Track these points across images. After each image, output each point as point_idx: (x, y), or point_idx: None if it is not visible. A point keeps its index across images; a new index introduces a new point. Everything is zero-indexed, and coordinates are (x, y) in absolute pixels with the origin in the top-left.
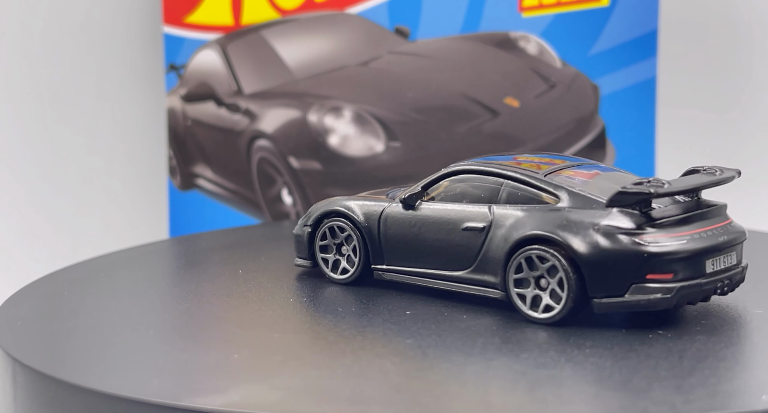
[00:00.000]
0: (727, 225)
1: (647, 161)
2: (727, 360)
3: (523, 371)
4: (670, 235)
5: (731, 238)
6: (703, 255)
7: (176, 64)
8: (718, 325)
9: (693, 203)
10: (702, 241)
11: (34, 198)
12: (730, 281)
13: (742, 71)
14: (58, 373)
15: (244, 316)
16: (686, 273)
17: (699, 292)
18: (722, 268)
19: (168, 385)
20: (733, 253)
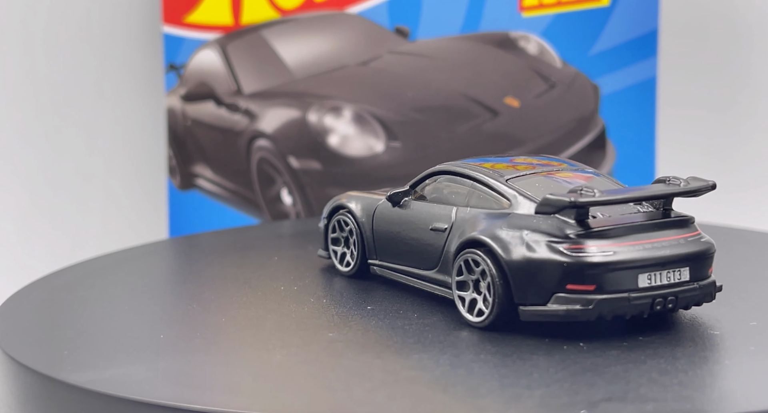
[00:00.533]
0: (684, 239)
1: (647, 161)
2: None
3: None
4: (599, 245)
5: (681, 253)
6: (634, 268)
7: (176, 64)
8: (668, 335)
9: (653, 214)
10: (637, 253)
11: (34, 198)
12: (676, 298)
13: (742, 71)
14: (58, 373)
15: (244, 316)
16: (611, 286)
17: (627, 306)
18: (663, 284)
19: (168, 385)
20: (683, 269)
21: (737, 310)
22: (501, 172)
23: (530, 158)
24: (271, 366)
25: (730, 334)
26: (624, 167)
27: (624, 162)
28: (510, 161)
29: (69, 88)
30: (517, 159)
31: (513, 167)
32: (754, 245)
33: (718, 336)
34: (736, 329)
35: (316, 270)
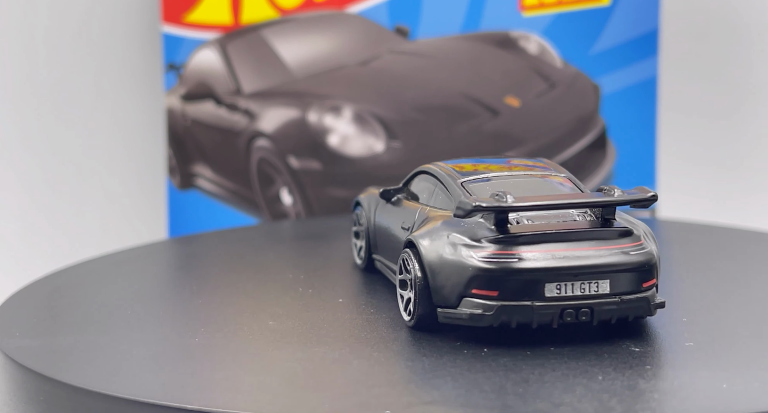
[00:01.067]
0: (610, 250)
1: (648, 161)
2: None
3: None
4: (506, 252)
5: (599, 264)
6: (540, 277)
7: (175, 64)
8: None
9: (587, 223)
10: (544, 262)
11: (34, 198)
12: (591, 310)
13: (743, 70)
14: (57, 373)
15: (243, 316)
16: (514, 293)
17: (532, 315)
18: (575, 295)
19: (168, 385)
20: (603, 281)
21: (732, 315)
22: (463, 173)
23: (526, 160)
24: (271, 366)
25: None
26: (624, 167)
27: (624, 162)
28: (508, 162)
29: (68, 87)
30: (514, 160)
31: (489, 168)
32: (755, 245)
33: (690, 346)
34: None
35: (316, 269)
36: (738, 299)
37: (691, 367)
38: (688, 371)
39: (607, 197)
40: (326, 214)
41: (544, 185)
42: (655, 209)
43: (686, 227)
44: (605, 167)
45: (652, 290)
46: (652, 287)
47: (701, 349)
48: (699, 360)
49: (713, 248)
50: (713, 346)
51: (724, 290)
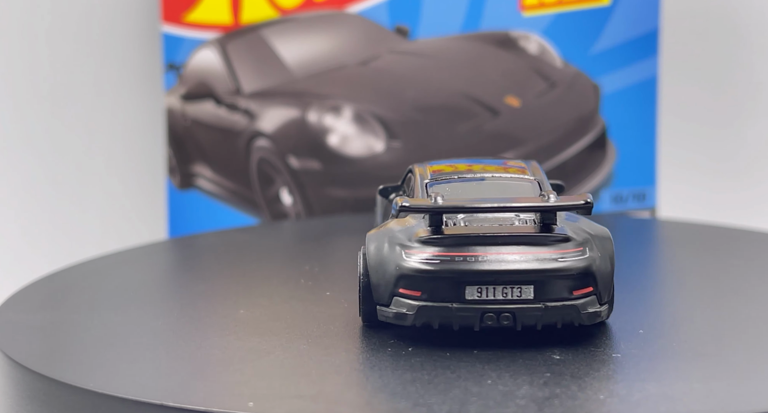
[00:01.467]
0: (537, 256)
1: (648, 161)
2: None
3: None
4: (432, 253)
5: (521, 269)
6: (460, 280)
7: (175, 64)
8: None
9: (522, 228)
10: (466, 265)
11: (34, 198)
12: (513, 315)
13: (743, 70)
14: (57, 373)
15: (243, 316)
16: (435, 295)
17: (452, 317)
18: (496, 298)
19: (168, 385)
20: (527, 287)
21: (738, 313)
22: (435, 174)
23: (519, 162)
24: (271, 366)
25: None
26: (625, 167)
27: (624, 162)
28: (504, 163)
29: (68, 87)
30: (510, 162)
31: (469, 168)
32: (755, 245)
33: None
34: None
35: (316, 269)
36: (723, 305)
37: (605, 378)
38: (598, 381)
39: (536, 203)
40: (326, 214)
41: (504, 189)
42: (655, 208)
43: (686, 227)
44: (605, 168)
45: (586, 298)
46: (586, 296)
47: (627, 361)
48: (615, 371)
49: (713, 249)
50: (642, 358)
51: (710, 295)
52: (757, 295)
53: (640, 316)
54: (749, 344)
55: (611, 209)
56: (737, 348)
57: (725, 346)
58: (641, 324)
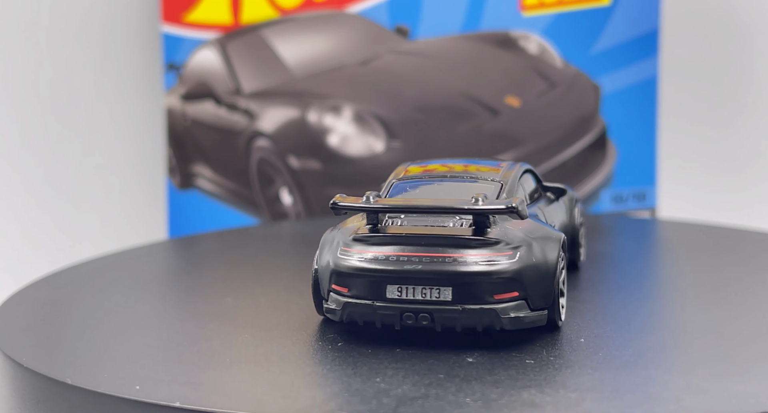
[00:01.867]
0: (458, 258)
1: (648, 161)
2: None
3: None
4: (359, 251)
5: (438, 271)
6: (383, 278)
7: (175, 63)
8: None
9: (452, 230)
10: (389, 264)
11: (34, 198)
12: (431, 316)
13: (743, 70)
14: (57, 374)
15: (243, 316)
16: (359, 292)
17: (374, 314)
18: (415, 299)
19: (168, 385)
20: (444, 288)
21: (738, 314)
22: (409, 174)
23: (505, 164)
24: (270, 365)
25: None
26: (625, 167)
27: (625, 162)
28: (499, 165)
29: (68, 87)
30: (503, 163)
31: (448, 168)
32: (754, 245)
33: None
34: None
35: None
36: (722, 305)
37: (493, 383)
38: (482, 385)
39: (460, 205)
40: (326, 214)
41: (460, 190)
42: (655, 208)
43: (686, 227)
44: (605, 167)
45: (510, 303)
46: (508, 301)
47: (539, 367)
48: (514, 377)
49: (712, 249)
50: (559, 367)
51: (709, 295)
52: (756, 295)
53: (639, 315)
54: (749, 344)
55: (611, 209)
56: (737, 347)
57: (725, 346)
58: (639, 323)
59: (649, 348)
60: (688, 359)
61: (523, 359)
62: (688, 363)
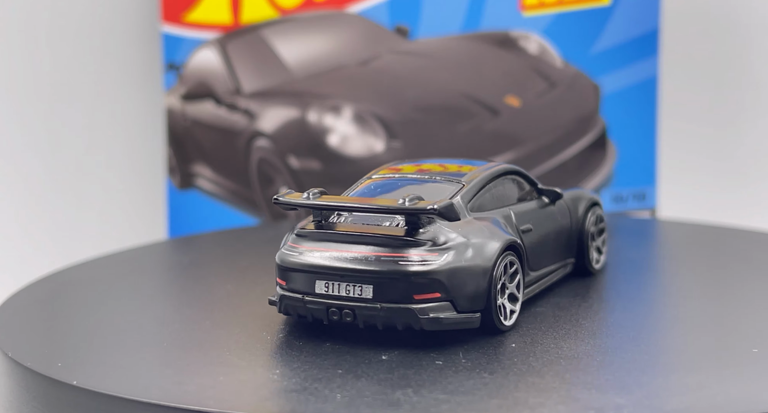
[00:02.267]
0: (380, 257)
1: (648, 161)
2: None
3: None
4: (296, 246)
5: (360, 269)
6: (312, 273)
7: (175, 63)
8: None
9: (385, 229)
10: (317, 260)
11: (34, 198)
12: (354, 313)
13: (743, 70)
14: (57, 374)
15: (243, 317)
16: (294, 286)
17: (304, 308)
18: (340, 295)
19: (168, 385)
20: (366, 286)
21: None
22: (382, 174)
23: (478, 165)
24: (270, 365)
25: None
26: (625, 167)
27: (625, 162)
28: (482, 165)
29: (68, 87)
30: (488, 165)
31: (414, 169)
32: (753, 245)
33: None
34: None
35: None
36: (722, 305)
37: (378, 382)
38: (370, 384)
39: (383, 205)
40: None
41: (416, 191)
42: (655, 208)
43: (686, 227)
44: (605, 167)
45: (431, 304)
46: (429, 301)
47: (446, 368)
48: (409, 378)
49: (712, 249)
50: (470, 370)
51: (709, 294)
52: (756, 295)
53: (637, 315)
54: (749, 343)
55: (611, 209)
56: (737, 347)
57: (725, 346)
58: (640, 323)
59: (648, 348)
60: (688, 359)
61: (435, 360)
62: (688, 362)
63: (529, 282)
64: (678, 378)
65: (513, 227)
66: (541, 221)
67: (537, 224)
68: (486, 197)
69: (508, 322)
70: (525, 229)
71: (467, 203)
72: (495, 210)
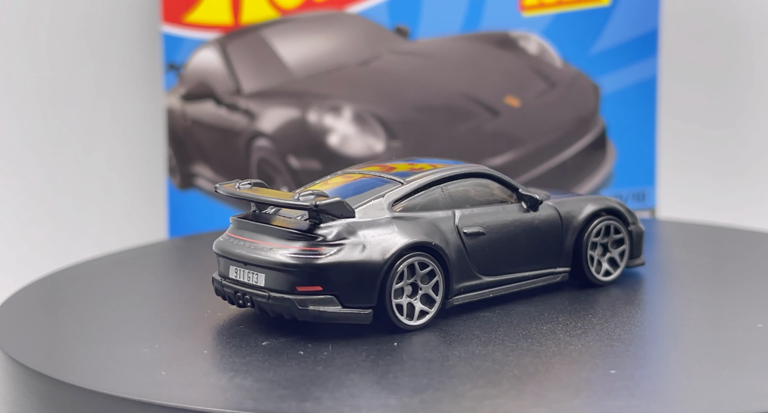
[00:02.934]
0: (270, 248)
1: (648, 161)
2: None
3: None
4: (230, 234)
5: (254, 257)
6: (227, 260)
7: (175, 64)
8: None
9: (288, 222)
10: (230, 247)
11: (33, 198)
12: (252, 299)
13: (743, 70)
14: (58, 373)
15: (243, 316)
16: (220, 270)
17: (221, 291)
18: (242, 281)
19: (168, 385)
20: (260, 275)
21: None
22: (347, 172)
23: (440, 163)
24: (269, 365)
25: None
26: (624, 167)
27: (624, 162)
28: (411, 164)
29: (68, 87)
30: (455, 167)
31: (379, 168)
32: (752, 244)
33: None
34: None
35: None
36: (721, 305)
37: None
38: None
39: (275, 199)
40: None
41: (365, 188)
42: (655, 209)
43: (686, 227)
44: (605, 168)
45: (312, 297)
46: (311, 294)
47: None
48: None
49: (712, 249)
50: (379, 366)
51: (708, 295)
52: (756, 295)
53: (636, 315)
54: (749, 343)
55: None
56: (737, 347)
57: (725, 346)
58: (639, 323)
59: (648, 348)
60: (687, 359)
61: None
62: (688, 362)
63: (478, 286)
64: (677, 378)
65: (452, 229)
66: (506, 226)
67: (496, 228)
68: (431, 197)
69: (413, 322)
70: (472, 232)
71: (394, 202)
72: (435, 211)
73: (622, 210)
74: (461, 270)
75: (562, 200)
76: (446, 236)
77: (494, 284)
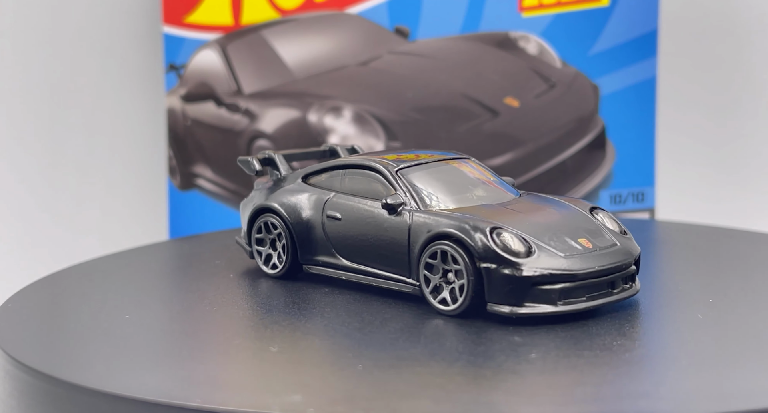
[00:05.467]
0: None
1: (647, 161)
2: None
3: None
4: None
5: None
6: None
7: (176, 64)
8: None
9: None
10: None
11: (34, 199)
12: None
13: (741, 70)
14: (58, 373)
15: (243, 316)
16: None
17: None
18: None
19: (168, 385)
20: None
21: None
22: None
23: (432, 154)
24: (269, 365)
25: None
26: (624, 168)
27: (624, 162)
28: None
29: (69, 88)
30: (436, 155)
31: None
32: (751, 245)
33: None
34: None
35: None
36: (721, 306)
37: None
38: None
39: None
40: None
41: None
42: (654, 209)
43: (684, 227)
44: (604, 168)
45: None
46: None
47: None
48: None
49: (711, 250)
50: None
51: (708, 295)
52: (755, 295)
53: (636, 315)
54: (749, 344)
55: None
56: (737, 347)
57: (725, 346)
58: (638, 323)
59: (648, 348)
60: (686, 358)
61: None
62: (687, 362)
63: (335, 265)
64: (677, 378)
65: (320, 207)
66: (360, 220)
67: (352, 218)
68: (333, 178)
69: (268, 269)
70: (331, 215)
71: (307, 175)
72: (325, 190)
73: (469, 241)
74: (319, 245)
75: (441, 214)
76: (311, 211)
77: (350, 269)
